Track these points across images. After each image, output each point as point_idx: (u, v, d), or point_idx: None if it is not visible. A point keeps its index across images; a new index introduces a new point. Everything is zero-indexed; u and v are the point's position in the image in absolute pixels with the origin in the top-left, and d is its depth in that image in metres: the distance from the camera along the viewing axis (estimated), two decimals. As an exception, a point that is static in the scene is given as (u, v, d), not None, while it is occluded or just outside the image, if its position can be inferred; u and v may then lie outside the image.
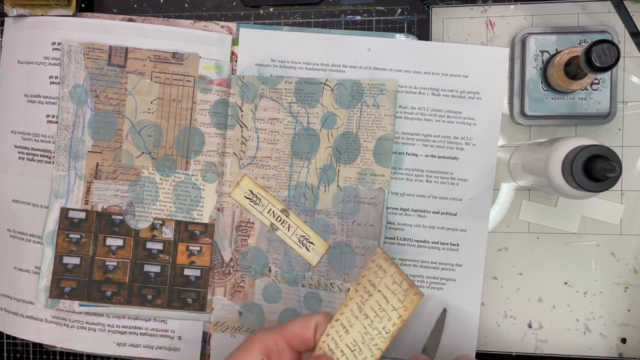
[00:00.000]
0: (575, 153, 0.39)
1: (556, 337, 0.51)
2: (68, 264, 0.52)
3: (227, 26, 0.53)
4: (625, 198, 0.50)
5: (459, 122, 0.51)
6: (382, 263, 0.40)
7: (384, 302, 0.39)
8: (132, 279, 0.52)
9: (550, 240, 0.51)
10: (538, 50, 0.49)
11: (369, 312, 0.39)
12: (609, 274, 0.51)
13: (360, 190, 0.51)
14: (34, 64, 0.53)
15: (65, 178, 0.53)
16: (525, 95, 0.49)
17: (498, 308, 0.51)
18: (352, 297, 0.40)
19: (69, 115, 0.52)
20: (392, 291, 0.39)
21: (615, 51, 0.41)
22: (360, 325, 0.39)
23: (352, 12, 0.53)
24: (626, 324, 0.51)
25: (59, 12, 0.53)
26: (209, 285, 0.52)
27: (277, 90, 0.52)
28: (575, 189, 0.40)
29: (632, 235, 0.51)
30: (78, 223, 0.53)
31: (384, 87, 0.51)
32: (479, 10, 0.51)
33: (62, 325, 0.53)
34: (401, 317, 0.39)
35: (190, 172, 0.52)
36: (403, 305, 0.39)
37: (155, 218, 0.52)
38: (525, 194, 0.51)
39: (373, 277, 0.40)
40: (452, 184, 0.51)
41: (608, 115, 0.49)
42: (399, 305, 0.39)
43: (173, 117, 0.52)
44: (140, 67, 0.52)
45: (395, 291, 0.39)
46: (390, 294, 0.39)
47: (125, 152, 0.52)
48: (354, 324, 0.40)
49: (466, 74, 0.50)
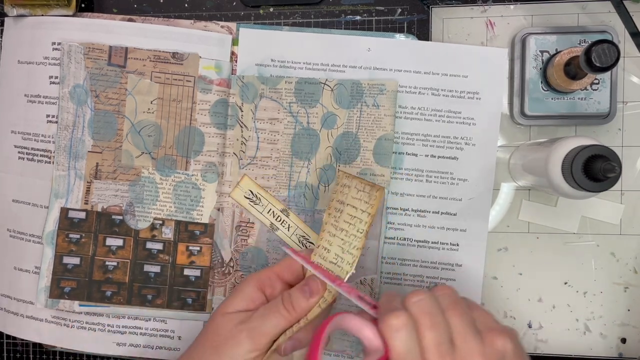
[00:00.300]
0: (575, 153, 0.39)
1: (556, 337, 0.51)
2: (68, 264, 0.52)
3: (227, 26, 0.53)
4: (625, 198, 0.50)
5: (458, 122, 0.51)
6: (345, 181, 0.44)
7: (354, 210, 0.42)
8: (132, 279, 0.52)
9: (550, 240, 0.51)
10: (538, 50, 0.49)
11: (344, 225, 0.43)
12: (609, 274, 0.51)
13: (360, 190, 0.51)
14: (34, 64, 0.53)
15: (65, 178, 0.53)
16: (525, 95, 0.49)
17: (498, 308, 0.51)
18: (326, 221, 0.44)
19: (69, 115, 0.52)
20: (359, 199, 0.42)
21: (615, 51, 0.41)
22: (339, 240, 0.43)
23: (352, 12, 0.53)
24: (626, 324, 0.51)
25: (59, 12, 0.53)
26: (209, 285, 0.52)
27: (277, 90, 0.52)
28: (575, 189, 0.40)
29: (632, 235, 0.51)
30: (78, 223, 0.53)
31: (384, 87, 0.51)
32: (478, 10, 0.51)
33: (62, 325, 0.53)
34: (370, 214, 0.42)
35: (190, 172, 0.52)
36: (369, 204, 0.42)
37: (155, 218, 0.52)
38: (525, 194, 0.51)
39: (340, 196, 0.44)
40: (452, 184, 0.51)
41: (608, 115, 0.49)
42: (366, 207, 0.42)
43: (173, 117, 0.52)
44: (140, 67, 0.52)
45: (361, 197, 0.42)
46: (357, 201, 0.42)
47: (125, 152, 0.52)
48: (333, 242, 0.43)
49: (466, 74, 0.50)
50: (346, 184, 0.44)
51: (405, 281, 0.51)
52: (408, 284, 0.51)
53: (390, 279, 0.51)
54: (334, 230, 0.43)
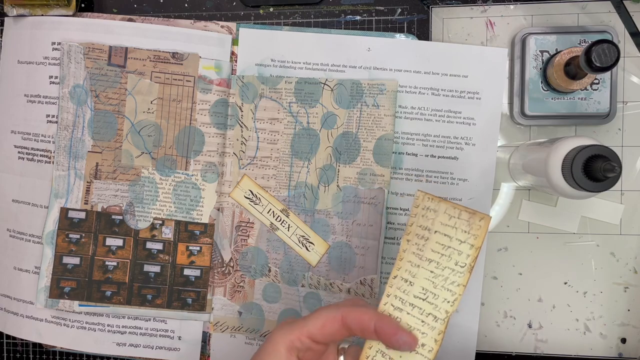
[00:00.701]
0: (575, 153, 0.39)
1: (556, 337, 0.51)
2: (68, 264, 0.52)
3: (227, 26, 0.53)
4: (625, 198, 0.50)
5: (458, 122, 0.51)
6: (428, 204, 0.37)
7: (446, 239, 0.36)
8: (132, 279, 0.52)
9: (550, 240, 0.51)
10: (538, 50, 0.49)
11: (432, 256, 0.36)
12: (609, 274, 0.51)
13: (360, 190, 0.51)
14: (33, 64, 0.53)
15: (65, 178, 0.53)
16: (525, 95, 0.49)
17: (498, 308, 0.51)
18: (405, 248, 0.37)
19: (69, 115, 0.52)
20: (452, 226, 0.36)
21: (615, 51, 0.41)
22: (426, 272, 0.36)
23: (352, 12, 0.53)
24: (626, 324, 0.51)
25: (59, 12, 0.53)
26: (208, 285, 0.52)
27: (277, 90, 0.52)
28: (575, 189, 0.40)
29: (632, 235, 0.51)
30: (78, 223, 0.53)
31: (384, 87, 0.51)
32: (478, 10, 0.51)
33: (62, 325, 0.53)
34: (473, 246, 0.36)
35: (190, 172, 0.52)
36: (471, 235, 0.36)
37: (155, 218, 0.52)
38: (525, 194, 0.51)
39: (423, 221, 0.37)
40: (452, 184, 0.51)
41: (608, 115, 0.49)
42: (466, 237, 0.36)
43: (173, 117, 0.52)
44: (140, 67, 0.52)
45: (456, 225, 0.36)
46: (450, 229, 0.36)
47: (125, 152, 0.52)
48: (418, 273, 0.36)
49: (466, 74, 0.50)
50: (430, 208, 0.37)
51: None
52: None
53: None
54: (417, 260, 0.37)
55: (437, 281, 0.36)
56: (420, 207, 0.37)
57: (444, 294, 0.36)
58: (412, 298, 0.37)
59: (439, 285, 0.36)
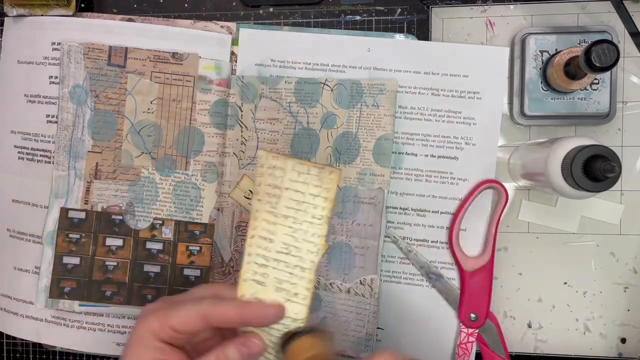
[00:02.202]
0: (574, 153, 0.39)
1: (556, 337, 0.51)
2: (68, 264, 0.52)
3: (227, 26, 0.53)
4: (625, 198, 0.50)
5: (458, 122, 0.51)
6: (273, 162, 0.37)
7: (299, 195, 0.37)
8: (132, 279, 0.52)
9: (550, 240, 0.51)
10: (538, 50, 0.49)
11: (287, 212, 0.37)
12: (609, 274, 0.51)
13: (360, 190, 0.51)
14: (33, 64, 0.53)
15: (65, 178, 0.53)
16: (525, 95, 0.49)
17: (498, 308, 0.51)
18: (257, 208, 0.37)
19: (69, 115, 0.52)
20: (302, 182, 0.37)
21: (615, 51, 0.41)
22: (284, 227, 0.37)
23: (352, 12, 0.53)
24: (626, 324, 0.51)
25: (59, 12, 0.53)
26: (208, 285, 0.52)
27: (276, 90, 0.52)
28: (574, 189, 0.40)
29: (631, 235, 0.51)
30: (78, 223, 0.53)
31: (384, 87, 0.51)
32: (478, 10, 0.51)
33: (62, 325, 0.53)
34: (327, 199, 0.37)
35: (190, 172, 0.52)
36: (324, 188, 0.36)
37: (155, 218, 0.52)
38: (525, 194, 0.51)
39: (272, 180, 0.37)
40: (452, 184, 0.51)
41: (608, 115, 0.49)
42: (318, 191, 0.37)
43: (173, 117, 0.52)
44: (140, 67, 0.52)
45: (306, 180, 0.37)
46: (301, 185, 0.37)
47: (125, 152, 0.52)
48: (276, 230, 0.37)
49: (466, 73, 0.50)
50: (277, 166, 0.37)
51: (404, 280, 0.51)
52: (407, 282, 0.51)
53: (389, 278, 0.51)
54: (273, 218, 0.37)
55: (298, 235, 0.37)
56: (266, 166, 0.37)
57: (307, 246, 0.37)
58: (275, 254, 0.37)
59: (300, 239, 0.37)
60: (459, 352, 0.50)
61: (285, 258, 0.37)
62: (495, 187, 0.50)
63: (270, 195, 0.37)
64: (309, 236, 0.37)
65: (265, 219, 0.37)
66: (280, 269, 0.37)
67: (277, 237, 0.37)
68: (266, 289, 0.37)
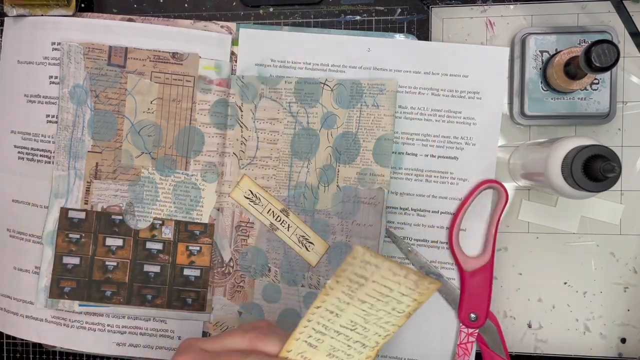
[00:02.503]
0: (574, 153, 0.39)
1: (556, 337, 0.51)
2: (68, 264, 0.52)
3: (227, 26, 0.53)
4: (625, 198, 0.50)
5: (458, 122, 0.51)
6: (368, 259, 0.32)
7: (386, 290, 0.32)
8: (131, 279, 0.52)
9: (550, 240, 0.51)
10: (538, 50, 0.49)
11: (366, 298, 0.33)
12: (609, 273, 0.51)
13: (360, 190, 0.51)
14: (33, 64, 0.53)
15: (65, 178, 0.53)
16: (525, 95, 0.49)
17: (498, 308, 0.51)
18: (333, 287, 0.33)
19: (69, 115, 0.52)
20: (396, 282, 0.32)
21: (615, 51, 0.41)
22: (357, 309, 0.33)
23: (352, 12, 0.53)
24: (626, 324, 0.51)
25: (59, 12, 0.53)
26: (208, 285, 0.52)
27: (276, 90, 0.52)
28: (574, 189, 0.40)
29: (631, 235, 0.51)
30: (78, 223, 0.53)
31: (384, 87, 0.51)
32: (478, 10, 0.51)
33: (62, 325, 0.53)
34: (416, 300, 0.32)
35: (190, 172, 0.52)
36: (417, 292, 0.32)
37: (155, 218, 0.52)
38: (525, 194, 0.51)
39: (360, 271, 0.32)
40: (452, 184, 0.51)
41: (608, 115, 0.49)
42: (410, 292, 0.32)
43: (173, 117, 0.52)
44: (140, 67, 0.52)
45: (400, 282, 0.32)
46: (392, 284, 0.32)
47: (125, 152, 0.52)
48: (347, 309, 0.33)
49: (466, 73, 0.50)
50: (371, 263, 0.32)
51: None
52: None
53: (390, 279, 0.51)
54: (347, 299, 0.33)
55: (370, 318, 0.33)
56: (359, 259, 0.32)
57: (376, 329, 0.34)
58: (338, 327, 0.34)
59: (371, 322, 0.33)
60: (459, 352, 0.50)
61: (349, 333, 0.34)
62: (495, 187, 0.50)
63: (353, 282, 0.32)
64: (382, 322, 0.33)
65: (338, 297, 0.33)
66: (339, 340, 0.34)
67: (345, 315, 0.33)
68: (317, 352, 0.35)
